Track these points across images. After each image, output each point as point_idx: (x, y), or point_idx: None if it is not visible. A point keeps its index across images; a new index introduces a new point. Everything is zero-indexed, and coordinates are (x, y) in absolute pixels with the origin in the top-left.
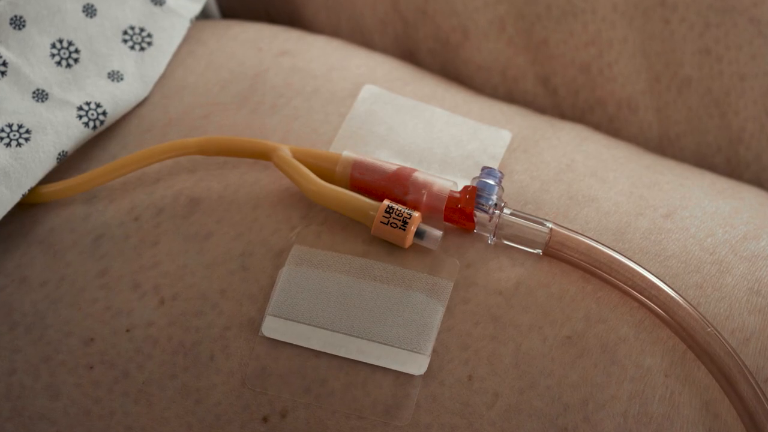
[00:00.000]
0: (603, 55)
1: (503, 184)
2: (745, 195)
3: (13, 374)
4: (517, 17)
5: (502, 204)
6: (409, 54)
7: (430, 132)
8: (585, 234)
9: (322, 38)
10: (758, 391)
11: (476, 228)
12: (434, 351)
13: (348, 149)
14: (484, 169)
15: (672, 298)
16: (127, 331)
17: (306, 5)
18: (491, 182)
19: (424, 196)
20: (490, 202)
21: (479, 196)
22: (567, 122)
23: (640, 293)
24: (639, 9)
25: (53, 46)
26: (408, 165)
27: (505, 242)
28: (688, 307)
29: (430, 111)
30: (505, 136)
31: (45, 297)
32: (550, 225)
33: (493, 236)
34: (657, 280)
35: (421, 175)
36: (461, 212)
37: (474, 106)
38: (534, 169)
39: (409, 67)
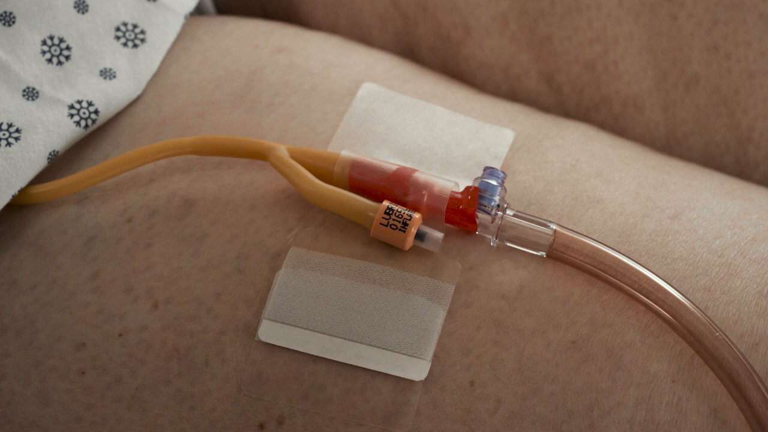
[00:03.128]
0: (608, 53)
1: (506, 184)
2: (755, 196)
3: (2, 380)
4: (520, 13)
5: (505, 205)
6: (410, 51)
7: (431, 131)
8: (590, 236)
9: (319, 35)
10: None
11: (478, 230)
12: (435, 356)
13: (346, 149)
14: (486, 169)
15: (679, 301)
16: (120, 335)
17: (303, 1)
18: (494, 183)
19: (425, 197)
20: (493, 203)
21: (481, 197)
22: (571, 121)
23: (646, 296)
24: (645, 5)
25: (44, 42)
26: (408, 165)
27: (508, 244)
28: (695, 311)
29: (431, 109)
30: (508, 136)
31: (35, 300)
32: (554, 227)
33: (496, 238)
34: (664, 283)
35: (422, 175)
36: (463, 213)
37: (476, 105)
38: (538, 170)
39: (409, 64)
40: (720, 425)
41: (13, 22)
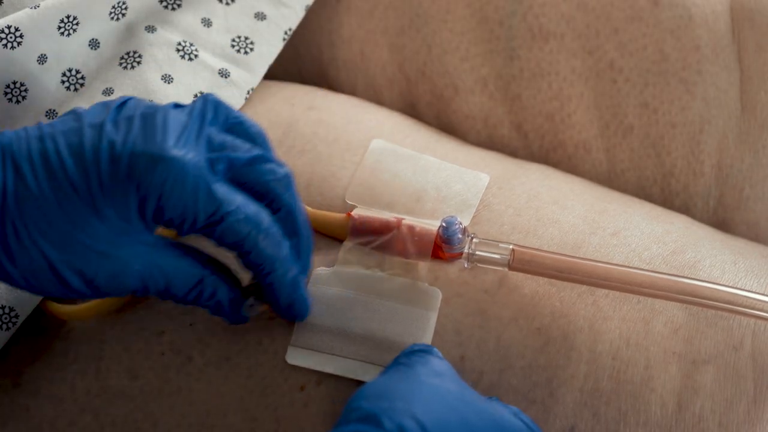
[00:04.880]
0: (564, 108)
1: (484, 212)
2: (675, 220)
3: (101, 360)
4: (497, 77)
5: (471, 236)
6: (411, 106)
7: (425, 177)
8: (542, 249)
9: (342, 96)
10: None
11: (454, 259)
12: (436, 332)
13: (360, 194)
14: (443, 220)
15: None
16: (191, 325)
17: (330, 67)
18: (454, 229)
19: (410, 244)
20: (457, 242)
21: (449, 243)
22: (533, 163)
23: (594, 284)
24: (593, 71)
25: None
26: (408, 203)
27: (479, 264)
28: (638, 271)
29: (425, 159)
30: (483, 178)
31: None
32: (510, 247)
33: (467, 263)
34: (606, 265)
35: (404, 228)
36: (441, 251)
37: (459, 154)
38: (508, 201)
39: (410, 120)
40: (649, 392)
41: (112, 93)
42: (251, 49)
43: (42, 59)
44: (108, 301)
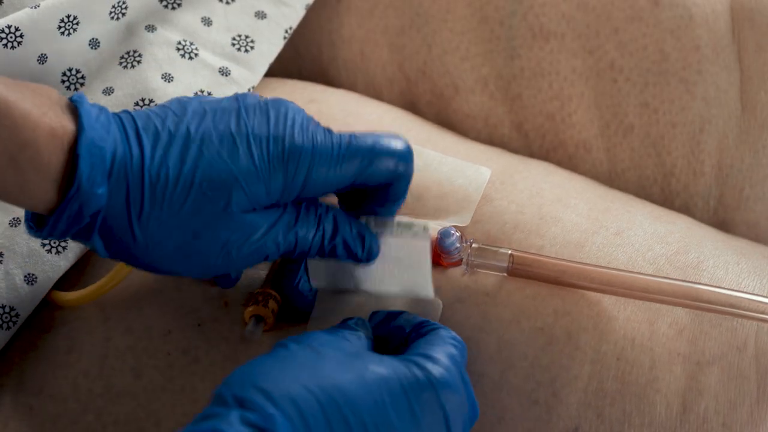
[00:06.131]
0: (564, 107)
1: (485, 207)
2: (676, 220)
3: (105, 359)
4: (497, 77)
5: (469, 242)
6: (411, 105)
7: (427, 170)
8: (541, 253)
9: (341, 91)
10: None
11: (452, 266)
12: None
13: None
14: (439, 231)
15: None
16: (198, 325)
17: (329, 66)
18: (451, 240)
19: None
20: (454, 251)
21: (448, 253)
22: (535, 160)
23: (593, 289)
24: (593, 71)
25: (136, 104)
26: (410, 201)
27: (478, 270)
28: (642, 275)
29: (426, 153)
30: (485, 172)
31: (130, 297)
32: (509, 252)
33: (467, 267)
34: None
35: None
36: (442, 264)
37: (461, 148)
38: (510, 196)
39: (411, 115)
40: (654, 393)
41: (112, 92)
42: (252, 48)
43: (42, 59)
44: (107, 283)
